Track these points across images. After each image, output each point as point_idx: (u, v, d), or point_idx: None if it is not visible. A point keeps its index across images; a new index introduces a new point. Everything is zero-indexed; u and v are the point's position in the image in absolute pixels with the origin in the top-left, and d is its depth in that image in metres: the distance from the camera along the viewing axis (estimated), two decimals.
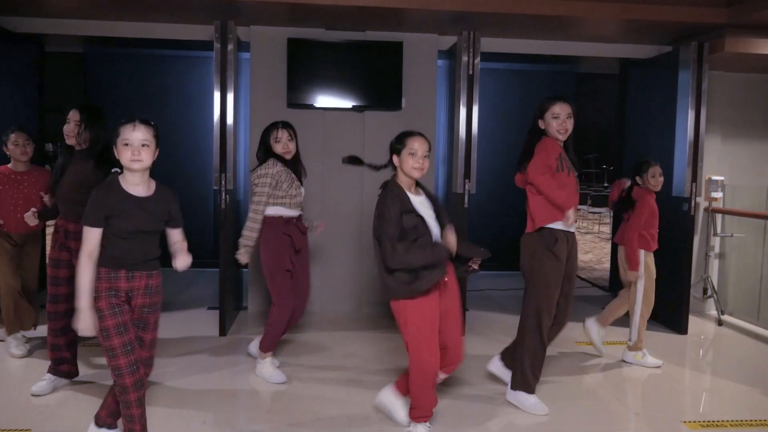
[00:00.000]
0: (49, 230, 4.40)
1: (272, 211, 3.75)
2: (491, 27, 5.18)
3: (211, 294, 5.92)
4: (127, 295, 2.60)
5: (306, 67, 5.22)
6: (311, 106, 5.29)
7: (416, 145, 2.93)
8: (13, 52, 5.25)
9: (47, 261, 3.57)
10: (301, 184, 3.92)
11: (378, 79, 5.32)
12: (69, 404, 3.40)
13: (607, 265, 7.78)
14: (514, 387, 3.48)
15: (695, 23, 4.90)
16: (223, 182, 4.67)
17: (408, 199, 2.90)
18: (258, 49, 5.31)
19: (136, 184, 2.58)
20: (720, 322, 5.44)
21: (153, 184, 2.66)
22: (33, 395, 3.45)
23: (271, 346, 3.83)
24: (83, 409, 3.32)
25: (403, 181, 2.97)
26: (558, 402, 3.56)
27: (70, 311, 2.91)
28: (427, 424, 3.07)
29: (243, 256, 3.74)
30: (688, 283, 5.07)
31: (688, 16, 4.84)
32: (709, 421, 3.38)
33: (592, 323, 4.39)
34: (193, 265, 2.79)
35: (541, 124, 3.44)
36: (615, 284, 6.02)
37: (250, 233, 3.72)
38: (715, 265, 5.85)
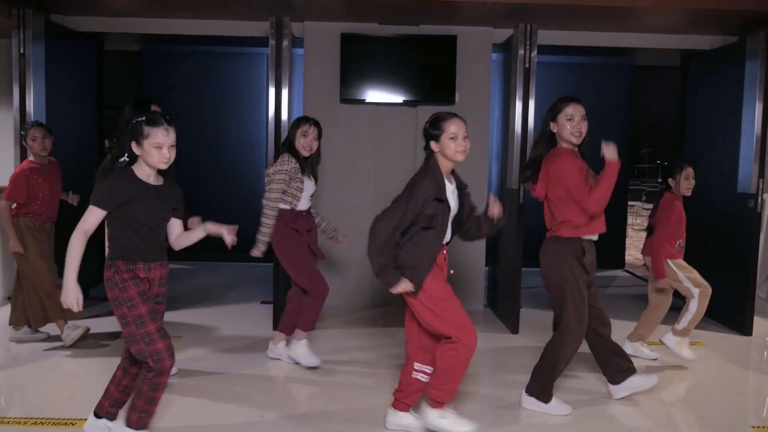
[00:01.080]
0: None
1: (282, 204, 3.81)
2: (548, 19, 5.08)
3: (262, 288, 5.99)
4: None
5: (359, 62, 5.22)
6: (363, 101, 5.29)
7: (454, 128, 2.86)
8: (75, 51, 5.39)
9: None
10: (316, 180, 3.97)
11: (431, 74, 5.28)
12: None
13: None
14: (536, 395, 3.32)
15: (763, 12, 4.70)
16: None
17: (444, 187, 2.87)
18: (311, 45, 5.33)
19: (150, 175, 2.67)
20: None
21: (159, 176, 2.73)
22: None
23: (309, 325, 3.88)
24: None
25: (443, 165, 2.91)
26: (624, 406, 3.48)
27: None
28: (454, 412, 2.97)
29: (257, 250, 3.77)
30: (753, 282, 4.88)
31: (756, 5, 4.64)
32: None
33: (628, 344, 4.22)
34: (246, 260, 2.82)
35: (553, 127, 3.25)
36: None
37: (266, 229, 3.77)
38: None
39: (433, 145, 2.91)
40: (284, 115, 4.70)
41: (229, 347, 4.34)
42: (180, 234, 2.82)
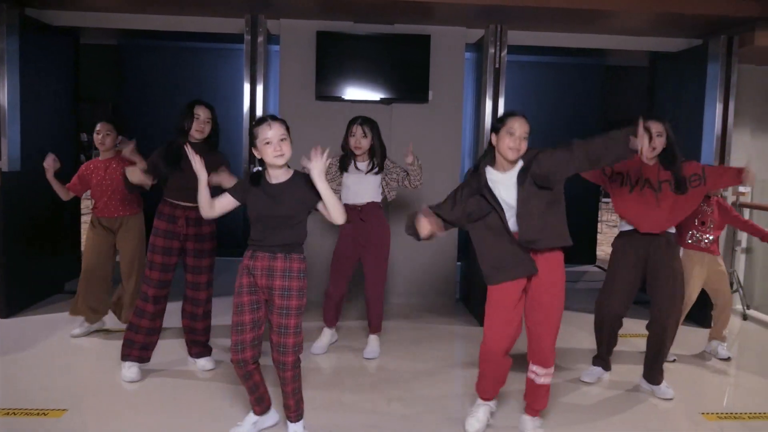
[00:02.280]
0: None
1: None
2: (519, 20, 5.19)
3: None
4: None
5: (334, 59, 5.30)
6: (339, 99, 5.37)
7: (516, 125, 2.85)
8: (50, 45, 5.41)
9: (151, 247, 3.63)
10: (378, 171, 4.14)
11: (405, 72, 5.38)
12: (104, 384, 3.55)
13: None
14: (658, 382, 3.65)
15: (726, 17, 4.85)
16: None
17: (485, 182, 2.91)
18: (287, 42, 5.41)
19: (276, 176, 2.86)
20: (745, 317, 5.42)
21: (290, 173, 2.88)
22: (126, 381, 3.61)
23: (326, 320, 4.35)
24: (118, 390, 3.48)
25: (498, 161, 2.94)
26: (579, 395, 3.62)
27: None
28: (490, 404, 3.16)
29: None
30: None
31: (719, 9, 4.80)
32: (727, 414, 3.41)
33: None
34: (225, 254, 2.92)
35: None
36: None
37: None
38: (741, 259, 5.82)
39: (492, 137, 2.96)
40: (259, 111, 4.78)
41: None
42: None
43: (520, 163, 2.91)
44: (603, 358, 3.93)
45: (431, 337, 4.66)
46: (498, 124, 2.93)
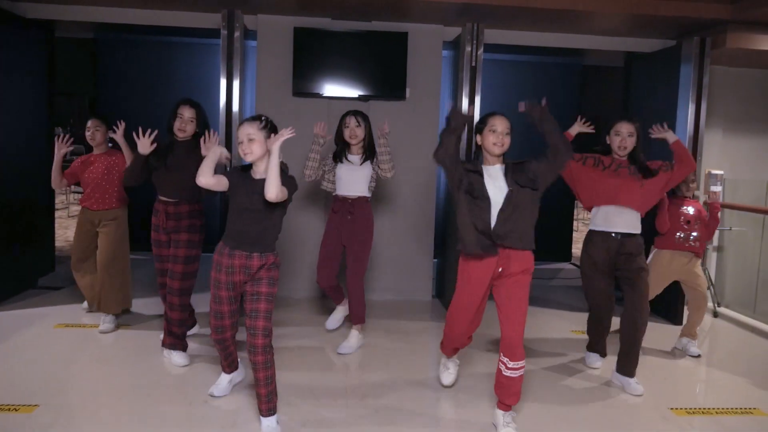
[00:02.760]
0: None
1: (324, 185, 4.42)
2: (496, 19, 5.22)
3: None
4: None
5: (312, 56, 5.29)
6: (317, 95, 5.37)
7: (497, 122, 3.12)
8: (23, 38, 5.33)
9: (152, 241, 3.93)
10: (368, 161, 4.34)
11: (383, 69, 5.39)
12: (76, 380, 3.53)
13: None
14: (633, 374, 3.77)
15: (699, 18, 4.93)
16: (228, 169, 4.75)
17: (478, 168, 3.13)
18: (264, 38, 5.39)
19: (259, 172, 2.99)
20: (716, 314, 5.52)
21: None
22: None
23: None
24: (90, 386, 3.45)
25: (486, 159, 3.17)
26: (551, 390, 3.66)
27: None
28: (455, 358, 3.64)
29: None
30: None
31: (692, 11, 4.87)
32: (696, 409, 3.48)
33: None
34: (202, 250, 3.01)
35: (607, 140, 3.90)
36: None
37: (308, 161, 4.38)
38: (713, 258, 5.92)
39: (477, 138, 3.20)
40: (235, 107, 4.76)
41: None
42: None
43: (503, 165, 3.15)
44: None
45: (406, 334, 4.67)
46: (480, 125, 3.17)
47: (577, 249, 8.83)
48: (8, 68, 5.05)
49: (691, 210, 4.44)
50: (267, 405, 2.97)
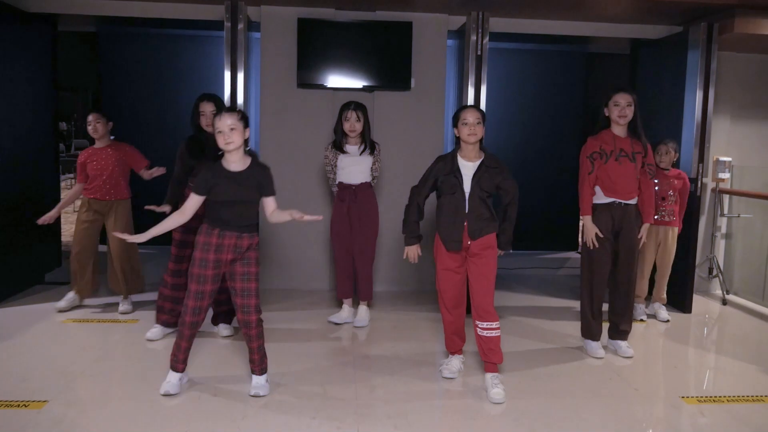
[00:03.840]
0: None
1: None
2: (501, 7, 5.18)
3: None
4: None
5: (316, 47, 5.26)
6: (321, 86, 5.34)
7: (468, 115, 3.43)
8: (26, 32, 5.31)
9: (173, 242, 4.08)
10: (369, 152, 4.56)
11: (387, 60, 5.36)
12: (86, 375, 3.53)
13: None
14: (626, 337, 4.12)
15: (706, 4, 4.87)
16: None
17: (451, 164, 3.46)
18: (268, 29, 5.36)
19: (234, 161, 3.16)
20: (725, 302, 5.50)
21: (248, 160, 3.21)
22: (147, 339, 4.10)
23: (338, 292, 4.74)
24: (100, 381, 3.45)
25: (463, 148, 3.47)
26: (559, 378, 3.65)
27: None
28: (461, 357, 3.73)
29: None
30: (693, 262, 5.12)
31: None
32: (706, 397, 3.46)
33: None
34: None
35: (606, 112, 3.99)
36: None
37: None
38: (721, 245, 5.89)
39: (455, 131, 3.50)
40: (240, 99, 4.74)
41: None
42: (273, 211, 3.26)
43: (481, 158, 3.47)
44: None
45: (410, 324, 4.67)
46: (454, 119, 3.51)
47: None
48: (12, 63, 5.04)
49: (665, 184, 4.75)
50: (260, 366, 3.33)
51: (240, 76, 4.72)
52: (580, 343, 4.26)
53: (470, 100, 4.88)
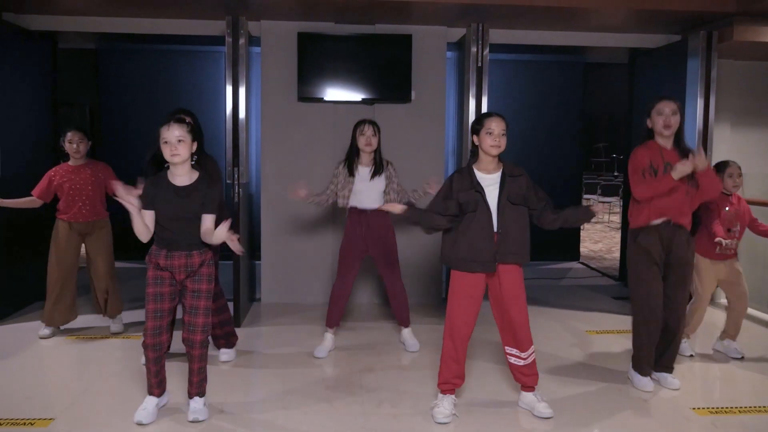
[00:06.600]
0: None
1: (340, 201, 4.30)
2: (500, 19, 5.21)
3: (224, 286, 5.99)
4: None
5: (316, 60, 5.27)
6: (321, 100, 5.35)
7: (493, 124, 3.13)
8: (27, 49, 5.32)
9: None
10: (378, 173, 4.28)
11: (387, 72, 5.37)
12: (91, 391, 3.50)
13: (617, 254, 7.80)
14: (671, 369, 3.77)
15: (704, 12, 4.90)
16: (236, 176, 4.75)
17: (470, 179, 3.17)
18: (268, 44, 5.37)
19: (176, 175, 3.01)
20: None
21: (195, 175, 3.06)
22: None
23: (328, 321, 4.37)
24: (105, 397, 3.42)
25: (482, 159, 3.19)
26: (570, 392, 3.63)
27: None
28: (453, 397, 3.28)
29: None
30: None
31: (697, 5, 4.85)
32: (718, 408, 3.43)
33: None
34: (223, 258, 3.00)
35: (649, 123, 3.61)
36: (624, 273, 6.05)
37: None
38: None
39: (474, 139, 3.22)
40: (242, 113, 4.74)
41: None
42: (207, 230, 3.03)
43: (501, 169, 3.19)
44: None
45: (418, 337, 4.64)
46: (477, 126, 3.20)
47: (585, 248, 8.81)
48: (14, 80, 5.05)
49: (728, 209, 4.11)
50: (197, 389, 3.17)
51: (242, 91, 4.72)
52: (585, 353, 4.24)
53: (471, 112, 4.89)
